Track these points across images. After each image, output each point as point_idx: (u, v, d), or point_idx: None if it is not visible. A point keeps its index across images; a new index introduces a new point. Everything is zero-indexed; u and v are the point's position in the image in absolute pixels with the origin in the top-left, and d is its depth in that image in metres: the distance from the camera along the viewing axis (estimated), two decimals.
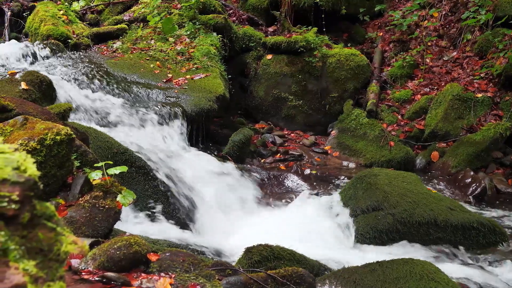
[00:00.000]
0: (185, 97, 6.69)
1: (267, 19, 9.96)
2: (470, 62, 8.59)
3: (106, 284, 2.40)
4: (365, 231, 4.95)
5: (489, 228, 4.82)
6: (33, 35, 8.42)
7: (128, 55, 7.78)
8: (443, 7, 9.58)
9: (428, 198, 5.05)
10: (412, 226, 4.81)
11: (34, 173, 0.84)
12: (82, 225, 2.99)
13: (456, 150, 7.15)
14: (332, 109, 8.61)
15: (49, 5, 8.81)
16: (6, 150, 0.85)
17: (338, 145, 7.92)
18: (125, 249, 2.59)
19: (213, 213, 5.19)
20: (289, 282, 2.78)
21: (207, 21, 8.49)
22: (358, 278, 3.35)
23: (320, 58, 8.60)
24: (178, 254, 2.87)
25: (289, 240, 4.05)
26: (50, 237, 0.85)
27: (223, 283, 2.66)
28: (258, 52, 8.95)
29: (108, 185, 3.20)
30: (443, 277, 3.28)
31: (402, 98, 8.43)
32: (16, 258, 0.77)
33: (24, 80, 5.22)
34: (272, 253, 3.42)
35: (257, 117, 8.79)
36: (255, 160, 7.22)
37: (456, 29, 9.22)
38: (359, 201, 5.23)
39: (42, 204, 0.86)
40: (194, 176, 5.48)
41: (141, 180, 4.73)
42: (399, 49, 9.38)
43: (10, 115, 3.57)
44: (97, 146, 4.57)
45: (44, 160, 2.88)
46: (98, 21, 9.55)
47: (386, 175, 5.48)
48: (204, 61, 7.64)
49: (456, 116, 7.64)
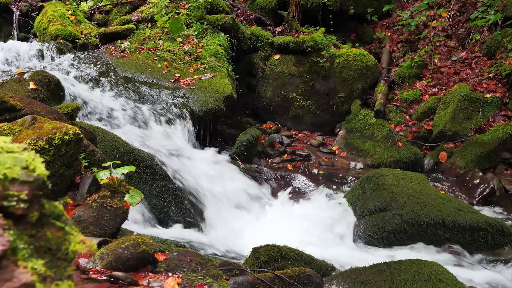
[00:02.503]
0: (192, 97, 6.70)
1: (274, 19, 9.95)
2: (479, 62, 8.55)
3: (114, 283, 2.41)
4: (373, 231, 4.94)
5: (497, 229, 4.80)
6: (41, 35, 8.45)
7: (136, 55, 7.79)
8: (451, 7, 9.54)
9: (436, 199, 5.03)
10: (420, 227, 4.79)
11: (43, 172, 0.84)
12: (90, 224, 2.99)
13: (465, 150, 7.11)
14: (339, 109, 8.59)
15: (58, 5, 8.84)
16: (15, 149, 0.85)
17: (346, 145, 7.90)
18: (132, 249, 2.60)
19: (221, 212, 5.20)
20: (297, 282, 2.78)
21: (214, 21, 8.50)
22: (366, 278, 3.34)
23: (328, 58, 8.58)
24: (185, 253, 2.88)
25: (296, 240, 4.05)
26: (58, 236, 0.85)
27: (231, 283, 2.66)
28: (265, 52, 8.94)
29: (116, 185, 3.21)
30: (451, 278, 3.27)
31: (410, 98, 8.40)
32: (24, 257, 0.77)
33: (33, 80, 5.24)
34: (280, 253, 3.41)
35: (264, 117, 8.79)
36: (262, 160, 7.21)
37: (464, 29, 9.17)
38: (367, 202, 5.22)
39: (50, 203, 0.86)
40: (202, 176, 5.49)
41: (149, 180, 4.74)
42: (407, 49, 9.34)
43: (18, 114, 3.59)
44: (104, 146, 4.59)
45: (52, 159, 2.89)
46: (106, 21, 9.58)
47: (394, 176, 5.46)
48: (211, 61, 7.64)
49: (465, 116, 7.60)
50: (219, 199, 5.36)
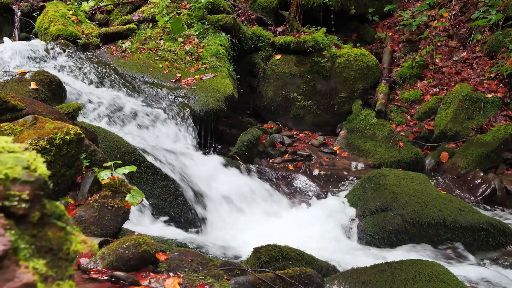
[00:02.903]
0: (193, 97, 6.70)
1: (276, 19, 9.95)
2: (480, 63, 8.54)
3: (115, 283, 2.41)
4: (374, 231, 4.93)
5: (498, 230, 4.79)
6: (42, 35, 8.46)
7: (137, 55, 7.80)
8: (452, 7, 9.53)
9: (437, 199, 5.02)
10: (421, 227, 4.79)
11: (44, 172, 0.84)
12: (91, 224, 2.99)
13: (466, 150, 7.10)
14: (341, 109, 8.59)
15: (59, 5, 8.84)
16: (16, 149, 0.85)
17: (347, 145, 7.90)
18: (133, 249, 2.60)
19: (222, 213, 5.20)
20: (298, 282, 2.78)
21: (216, 21, 8.50)
22: (367, 278, 3.34)
23: (329, 58, 8.58)
24: (186, 253, 2.88)
25: (296, 240, 4.05)
26: (59, 236, 0.85)
27: (232, 283, 2.66)
28: (267, 52, 8.94)
29: (117, 185, 3.21)
30: (452, 278, 3.27)
31: (411, 98, 8.40)
32: (26, 257, 0.77)
33: (34, 80, 5.25)
34: (281, 253, 3.41)
35: (265, 117, 8.79)
36: (263, 160, 7.21)
37: (466, 29, 9.17)
38: (368, 202, 5.22)
39: (51, 203, 0.86)
40: (203, 176, 5.49)
41: (150, 180, 4.74)
42: (408, 49, 9.34)
43: (20, 114, 3.59)
44: (106, 146, 4.59)
45: (53, 159, 2.89)
46: (107, 21, 9.58)
47: (395, 176, 5.46)
48: (213, 61, 7.64)
49: (466, 116, 7.59)
50: (220, 199, 5.36)
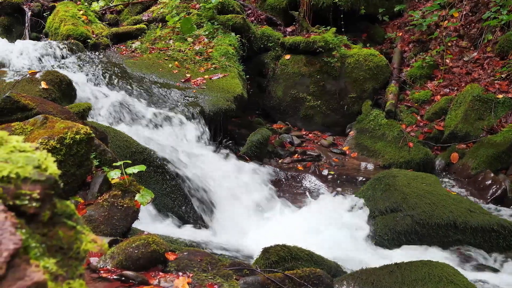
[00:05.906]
0: (203, 97, 6.70)
1: (285, 19, 9.93)
2: (491, 63, 8.49)
3: (125, 282, 2.42)
4: (383, 232, 4.92)
5: (509, 231, 4.76)
6: (53, 35, 8.50)
7: (146, 55, 7.81)
8: (463, 7, 9.48)
9: (447, 200, 5.00)
10: (431, 228, 4.77)
11: (55, 171, 0.85)
12: (100, 223, 3.01)
13: (476, 151, 7.06)
14: (350, 109, 8.56)
15: (69, 5, 8.88)
16: (27, 148, 0.86)
17: (357, 145, 7.87)
18: (143, 248, 2.61)
19: (232, 213, 5.20)
20: (307, 283, 2.78)
21: (225, 21, 8.50)
22: (376, 279, 3.33)
23: (338, 58, 8.55)
24: (196, 253, 2.88)
25: (306, 240, 4.04)
26: (70, 235, 0.85)
27: (241, 283, 2.66)
28: (276, 52, 8.93)
29: (127, 184, 3.22)
30: (462, 280, 3.25)
31: (421, 98, 8.36)
32: (36, 256, 0.77)
33: (44, 80, 5.27)
34: (290, 253, 3.41)
35: (275, 117, 8.78)
36: (272, 160, 7.20)
37: (476, 29, 9.11)
38: (378, 202, 5.20)
39: (62, 202, 0.86)
40: (212, 175, 5.49)
41: (159, 179, 4.76)
42: (418, 49, 9.30)
43: (30, 114, 3.61)
44: (115, 145, 4.60)
45: (63, 159, 2.90)
46: (117, 21, 9.61)
47: (405, 176, 5.44)
48: (222, 61, 7.65)
49: (476, 117, 7.55)
50: (230, 199, 5.36)
